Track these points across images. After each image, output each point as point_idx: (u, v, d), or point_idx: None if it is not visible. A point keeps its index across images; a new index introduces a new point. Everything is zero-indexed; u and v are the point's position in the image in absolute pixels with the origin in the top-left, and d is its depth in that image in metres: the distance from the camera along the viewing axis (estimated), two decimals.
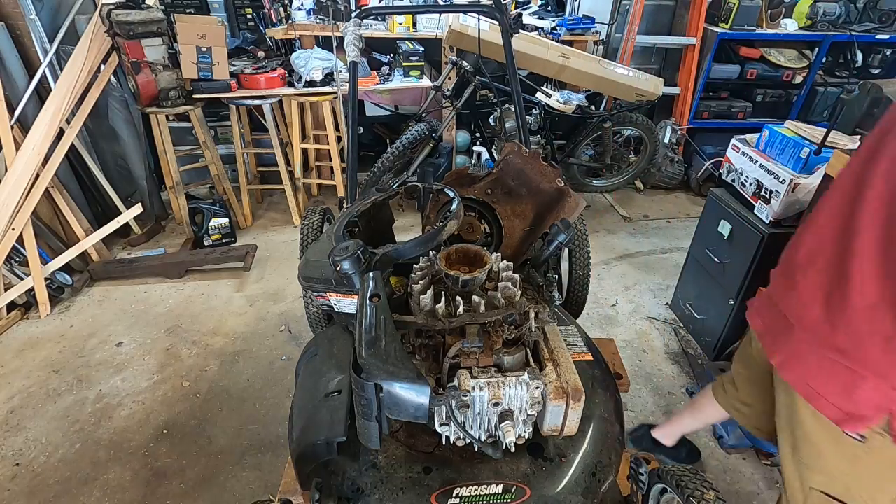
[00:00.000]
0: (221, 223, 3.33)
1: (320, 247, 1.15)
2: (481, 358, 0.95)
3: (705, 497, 0.87)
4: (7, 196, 2.60)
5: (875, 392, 0.96)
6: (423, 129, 2.92)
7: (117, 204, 3.29)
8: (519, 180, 1.38)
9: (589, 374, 1.15)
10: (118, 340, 2.57)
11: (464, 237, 1.42)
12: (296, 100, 3.30)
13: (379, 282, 0.93)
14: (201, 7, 3.52)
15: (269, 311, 2.78)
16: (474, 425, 0.93)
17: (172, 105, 3.04)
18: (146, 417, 2.15)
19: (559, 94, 3.44)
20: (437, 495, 0.93)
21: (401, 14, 3.33)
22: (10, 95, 2.73)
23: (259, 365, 2.42)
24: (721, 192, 2.31)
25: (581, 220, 2.08)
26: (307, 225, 2.09)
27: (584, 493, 0.97)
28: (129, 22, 2.76)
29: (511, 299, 0.99)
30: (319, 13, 3.40)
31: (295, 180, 3.65)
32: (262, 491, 1.86)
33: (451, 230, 1.08)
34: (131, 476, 1.92)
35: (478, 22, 2.63)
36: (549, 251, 1.16)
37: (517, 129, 2.04)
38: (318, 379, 1.11)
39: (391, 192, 1.35)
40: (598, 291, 2.93)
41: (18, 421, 2.13)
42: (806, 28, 3.75)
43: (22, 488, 1.87)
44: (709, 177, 3.91)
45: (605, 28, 3.89)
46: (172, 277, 3.03)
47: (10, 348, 2.52)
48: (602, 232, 3.59)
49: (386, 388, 0.80)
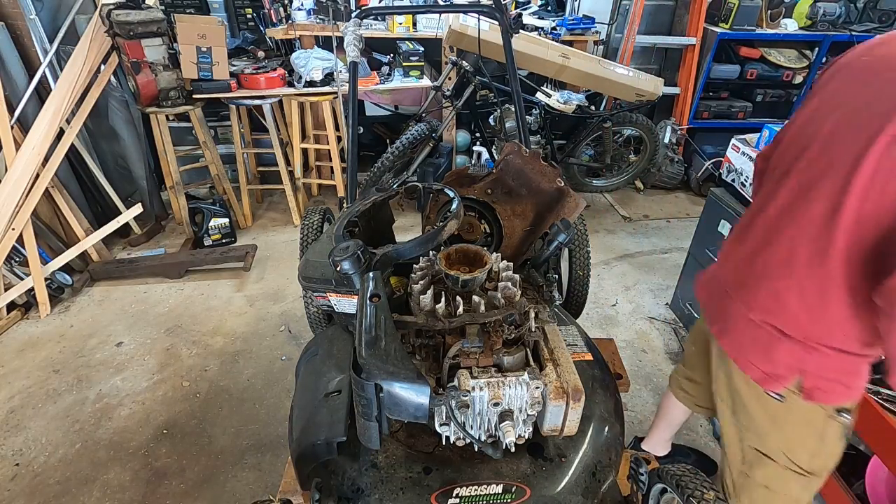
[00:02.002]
0: (221, 223, 3.34)
1: (320, 247, 1.15)
2: (481, 358, 0.95)
3: (705, 497, 0.87)
4: (7, 196, 2.60)
5: (788, 353, 1.05)
6: (423, 129, 2.92)
7: (117, 204, 3.30)
8: (519, 180, 1.38)
9: (589, 374, 1.15)
10: (118, 340, 2.57)
11: (464, 237, 1.42)
12: (296, 100, 3.30)
13: (379, 282, 0.93)
14: (201, 7, 3.52)
15: (269, 311, 2.78)
16: (474, 425, 0.93)
17: (172, 105, 3.04)
18: (146, 417, 2.15)
19: (559, 94, 3.44)
20: (437, 495, 0.93)
21: (401, 14, 3.33)
22: (10, 95, 2.73)
23: (259, 365, 2.42)
24: (721, 192, 2.31)
25: (581, 220, 2.08)
26: (307, 225, 2.09)
27: (584, 493, 0.97)
28: (129, 22, 2.76)
29: (511, 299, 0.99)
30: (319, 13, 3.40)
31: (295, 180, 3.65)
32: (262, 491, 1.86)
33: (451, 230, 1.08)
34: (131, 476, 1.92)
35: (478, 22, 2.63)
36: (549, 251, 1.16)
37: (517, 129, 2.04)
38: (318, 379, 1.11)
39: (391, 192, 1.35)
40: (598, 291, 2.93)
41: (18, 421, 2.13)
42: (806, 28, 3.75)
43: (22, 488, 1.87)
44: (709, 177, 3.91)
45: (605, 28, 3.90)
46: (172, 277, 3.03)
47: (10, 348, 2.52)
48: (602, 232, 3.59)
49: (386, 388, 0.80)
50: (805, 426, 1.13)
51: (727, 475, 1.34)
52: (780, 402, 1.11)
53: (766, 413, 1.17)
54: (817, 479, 1.19)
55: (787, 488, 1.21)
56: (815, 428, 1.13)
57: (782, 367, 1.07)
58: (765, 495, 1.25)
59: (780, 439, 1.18)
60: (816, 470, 1.17)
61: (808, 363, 1.04)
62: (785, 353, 1.05)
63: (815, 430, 1.13)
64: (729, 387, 1.24)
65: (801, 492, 1.21)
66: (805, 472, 1.18)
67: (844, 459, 1.75)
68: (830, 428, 1.11)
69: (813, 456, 1.16)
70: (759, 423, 1.19)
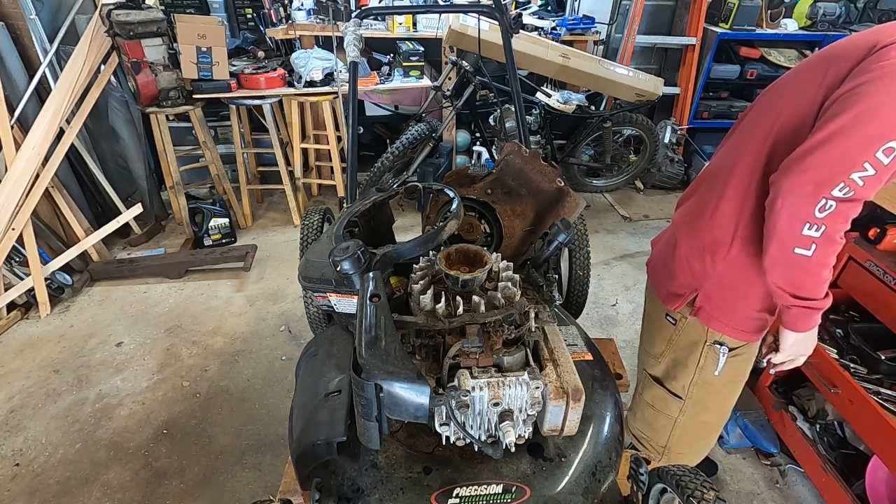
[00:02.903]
0: (221, 223, 3.34)
1: (320, 247, 1.14)
2: (481, 358, 0.95)
3: (705, 497, 0.87)
4: (7, 196, 2.60)
5: (688, 272, 1.22)
6: (423, 129, 2.92)
7: (117, 204, 3.30)
8: (519, 180, 1.38)
9: (589, 374, 1.15)
10: (118, 340, 2.57)
11: (464, 237, 1.42)
12: (296, 100, 3.30)
13: (379, 282, 0.93)
14: (201, 7, 3.53)
15: (269, 311, 2.78)
16: (474, 425, 0.93)
17: (172, 105, 3.04)
18: (146, 417, 2.15)
19: (559, 94, 3.44)
20: (437, 495, 0.93)
21: (401, 14, 3.33)
22: (10, 95, 2.73)
23: (259, 365, 2.42)
24: None
25: (581, 220, 2.08)
26: (307, 225, 2.09)
27: (584, 493, 0.97)
28: (129, 22, 2.76)
29: (511, 299, 0.99)
30: (319, 13, 3.40)
31: (295, 180, 3.65)
32: (262, 491, 1.86)
33: (451, 230, 1.08)
34: (131, 476, 1.92)
35: (478, 22, 2.63)
36: (549, 251, 1.17)
37: (517, 129, 2.04)
38: (318, 379, 1.11)
39: (391, 192, 1.35)
40: (598, 291, 2.93)
41: (18, 421, 2.13)
42: (806, 28, 3.75)
43: (22, 488, 1.87)
44: None
45: (605, 28, 3.90)
46: (172, 277, 3.03)
47: (10, 348, 2.52)
48: (602, 232, 3.59)
49: (386, 388, 0.80)
50: (687, 351, 1.30)
51: (633, 399, 1.59)
52: (673, 326, 1.31)
53: (662, 337, 1.35)
54: (693, 405, 1.36)
55: (668, 409, 1.41)
56: (695, 355, 1.28)
57: (681, 286, 1.24)
58: (651, 414, 1.47)
59: (670, 363, 1.36)
60: (693, 397, 1.35)
61: (703, 283, 1.20)
62: (684, 274, 1.22)
63: (694, 357, 1.29)
64: (646, 315, 1.46)
65: (679, 414, 1.40)
66: (681, 397, 1.36)
67: (844, 459, 1.77)
68: (709, 357, 1.27)
69: (690, 383, 1.33)
70: (656, 347, 1.39)
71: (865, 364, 1.69)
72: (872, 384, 1.63)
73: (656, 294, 1.34)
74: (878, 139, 0.86)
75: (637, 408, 1.55)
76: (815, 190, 0.89)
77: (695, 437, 1.46)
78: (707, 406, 1.37)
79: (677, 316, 1.29)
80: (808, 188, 0.90)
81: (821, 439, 1.83)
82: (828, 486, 1.72)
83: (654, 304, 1.37)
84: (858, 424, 1.61)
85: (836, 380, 1.64)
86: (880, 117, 0.86)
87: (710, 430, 1.46)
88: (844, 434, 1.82)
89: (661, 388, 1.41)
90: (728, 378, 1.31)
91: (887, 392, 1.59)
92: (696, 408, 1.37)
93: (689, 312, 1.25)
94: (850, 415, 1.62)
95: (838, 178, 0.88)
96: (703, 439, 1.49)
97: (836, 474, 1.70)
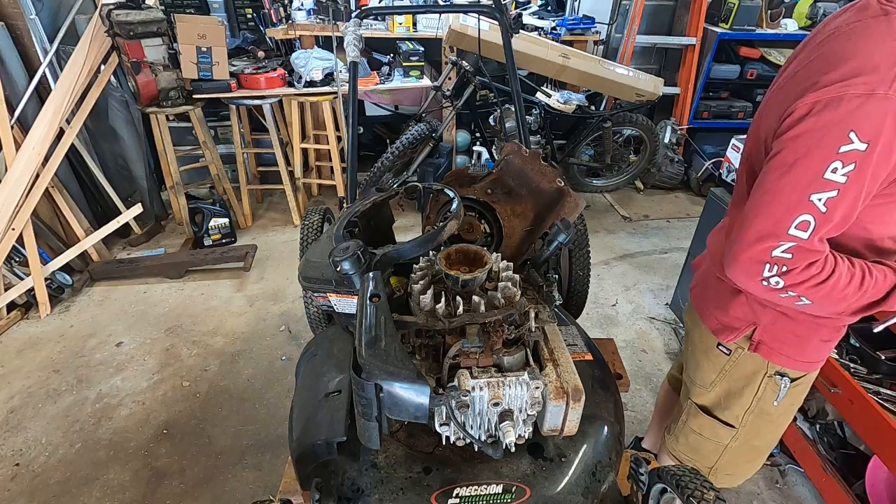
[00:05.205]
0: (221, 223, 3.34)
1: (320, 247, 1.14)
2: (481, 358, 0.95)
3: (705, 497, 0.87)
4: (7, 196, 2.60)
5: (743, 306, 1.12)
6: (423, 129, 2.92)
7: (117, 204, 3.29)
8: (519, 180, 1.38)
9: (589, 374, 1.15)
10: (118, 340, 2.57)
11: (464, 237, 1.42)
12: (296, 100, 3.30)
13: (379, 282, 0.93)
14: (201, 7, 3.53)
15: (269, 311, 2.78)
16: (474, 425, 0.93)
17: (172, 105, 3.04)
18: (146, 417, 2.15)
19: (559, 94, 3.44)
20: (437, 495, 0.93)
21: (401, 14, 3.33)
22: (10, 95, 2.73)
23: (259, 365, 2.42)
24: (721, 192, 2.31)
25: (581, 220, 2.07)
26: (307, 225, 2.09)
27: (584, 493, 0.97)
28: (129, 22, 2.76)
29: (511, 299, 0.99)
30: (319, 13, 3.40)
31: (295, 180, 3.65)
32: (262, 491, 1.86)
33: (451, 230, 1.08)
34: (131, 476, 1.92)
35: (478, 22, 2.63)
36: (549, 251, 1.16)
37: (517, 129, 2.04)
38: (318, 379, 1.11)
39: (391, 192, 1.35)
40: (598, 291, 2.93)
41: (18, 421, 2.13)
42: (806, 28, 3.75)
43: (22, 488, 1.87)
44: (709, 177, 3.91)
45: (605, 28, 3.90)
46: (172, 277, 3.03)
47: (10, 348, 2.52)
48: (602, 232, 3.59)
49: (386, 388, 0.80)
50: (743, 382, 1.22)
51: (673, 422, 1.47)
52: (726, 357, 1.21)
53: (712, 366, 1.26)
54: (746, 432, 1.28)
55: (718, 437, 1.32)
56: (752, 386, 1.20)
57: (737, 319, 1.15)
58: (697, 440, 1.37)
59: (721, 392, 1.27)
60: (747, 426, 1.27)
61: (761, 317, 1.11)
62: (739, 306, 1.13)
63: (751, 389, 1.20)
64: (690, 341, 1.35)
65: (730, 441, 1.32)
66: (734, 426, 1.28)
67: (844, 459, 1.77)
68: (768, 389, 1.19)
69: (745, 412, 1.25)
70: (704, 376, 1.29)
71: (865, 364, 1.69)
72: (872, 384, 1.63)
73: (704, 322, 1.23)
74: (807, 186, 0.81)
75: (681, 433, 1.42)
76: (755, 266, 0.87)
77: (745, 459, 1.38)
78: (760, 433, 1.29)
79: (732, 346, 1.19)
80: (749, 265, 0.88)
81: (821, 439, 1.83)
82: (828, 486, 1.72)
83: (702, 333, 1.26)
84: (858, 424, 1.61)
85: (836, 380, 1.64)
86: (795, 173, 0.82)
87: (760, 452, 1.37)
88: (844, 434, 1.82)
89: (710, 418, 1.32)
90: (785, 407, 1.23)
91: (887, 392, 1.59)
92: (748, 435, 1.29)
93: (746, 345, 1.16)
94: (850, 415, 1.62)
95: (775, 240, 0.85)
96: (752, 461, 1.40)
97: (836, 474, 1.70)
